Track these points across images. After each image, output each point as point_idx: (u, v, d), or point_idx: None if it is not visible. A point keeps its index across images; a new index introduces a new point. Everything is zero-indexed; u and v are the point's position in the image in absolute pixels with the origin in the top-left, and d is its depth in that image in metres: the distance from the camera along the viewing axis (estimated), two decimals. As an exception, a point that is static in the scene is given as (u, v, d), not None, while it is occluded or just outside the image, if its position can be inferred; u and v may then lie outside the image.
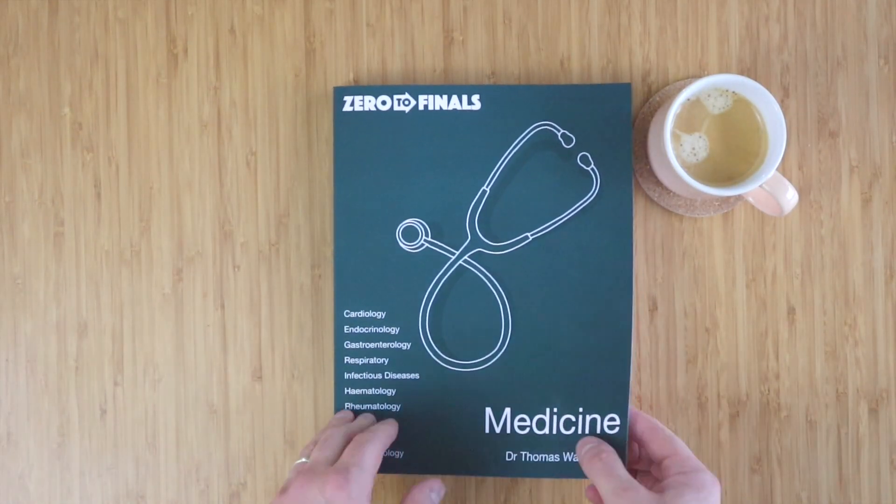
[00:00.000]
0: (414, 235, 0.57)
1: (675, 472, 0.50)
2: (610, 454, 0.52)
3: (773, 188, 0.53)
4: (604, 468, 0.50)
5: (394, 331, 0.57)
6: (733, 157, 0.55)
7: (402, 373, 0.57)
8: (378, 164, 0.57)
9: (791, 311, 0.59)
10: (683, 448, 0.52)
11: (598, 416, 0.56)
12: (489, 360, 0.57)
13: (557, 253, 0.57)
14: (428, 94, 0.57)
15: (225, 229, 0.59)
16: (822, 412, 0.59)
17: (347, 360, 0.57)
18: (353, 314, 0.57)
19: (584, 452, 0.53)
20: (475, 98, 0.57)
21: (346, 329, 0.57)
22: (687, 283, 0.59)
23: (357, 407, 0.57)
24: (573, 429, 0.56)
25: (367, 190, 0.57)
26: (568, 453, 0.57)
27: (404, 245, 0.57)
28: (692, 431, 0.59)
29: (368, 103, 0.57)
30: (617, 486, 0.49)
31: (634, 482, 0.49)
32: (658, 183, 0.58)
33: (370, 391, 0.57)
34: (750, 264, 0.59)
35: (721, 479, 0.58)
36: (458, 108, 0.57)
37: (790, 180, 0.55)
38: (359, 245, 0.57)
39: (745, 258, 0.59)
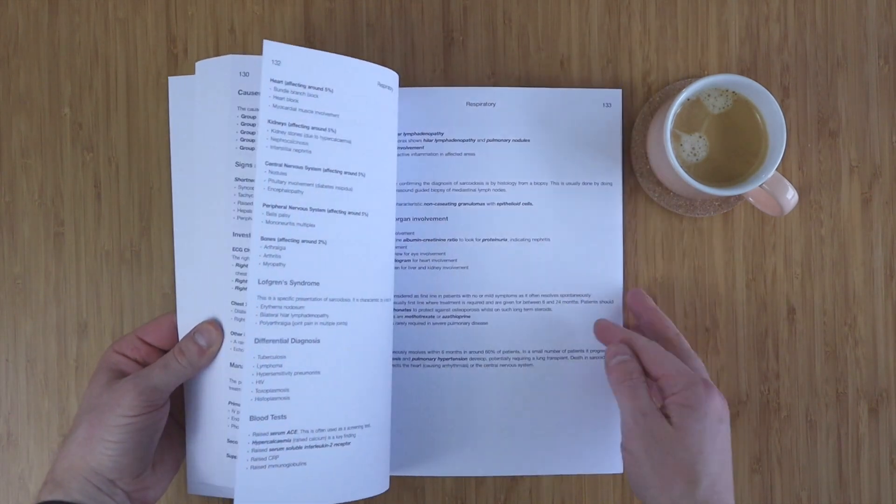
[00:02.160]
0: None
1: (669, 393, 0.49)
2: (638, 378, 0.51)
3: (773, 188, 0.53)
4: (630, 391, 0.50)
5: None
6: (733, 157, 0.55)
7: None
8: None
9: (791, 311, 0.59)
10: (673, 362, 0.50)
11: None
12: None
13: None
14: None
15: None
16: (822, 412, 0.59)
17: None
18: None
19: (615, 364, 0.52)
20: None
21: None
22: (687, 283, 0.59)
23: None
24: None
25: None
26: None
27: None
28: (692, 431, 0.59)
29: None
30: (637, 410, 0.49)
31: (654, 409, 0.49)
32: (658, 183, 0.58)
33: None
34: (750, 264, 0.59)
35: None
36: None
37: (790, 180, 0.55)
38: None
39: (745, 258, 0.59)
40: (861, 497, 0.59)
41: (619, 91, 0.58)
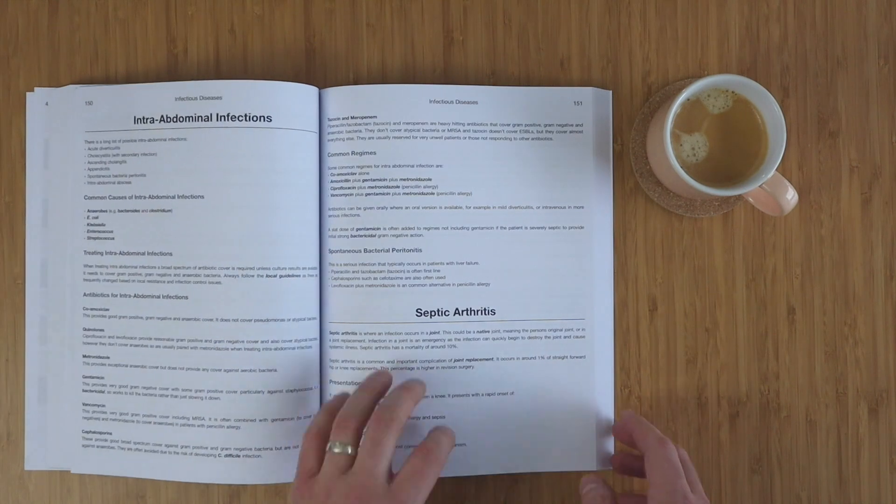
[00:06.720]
0: None
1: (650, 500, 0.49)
2: None
3: (773, 188, 0.53)
4: None
5: None
6: (733, 157, 0.55)
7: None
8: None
9: (791, 311, 0.59)
10: (664, 473, 0.50)
11: None
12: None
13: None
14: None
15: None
16: (822, 412, 0.59)
17: None
18: None
19: (585, 492, 0.53)
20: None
21: None
22: (687, 283, 0.59)
23: None
24: None
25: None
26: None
27: None
28: (692, 431, 0.59)
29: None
30: None
31: None
32: (658, 183, 0.58)
33: None
34: (750, 264, 0.59)
35: (721, 479, 0.59)
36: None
37: (790, 180, 0.55)
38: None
39: (745, 258, 0.59)
40: (861, 497, 0.59)
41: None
